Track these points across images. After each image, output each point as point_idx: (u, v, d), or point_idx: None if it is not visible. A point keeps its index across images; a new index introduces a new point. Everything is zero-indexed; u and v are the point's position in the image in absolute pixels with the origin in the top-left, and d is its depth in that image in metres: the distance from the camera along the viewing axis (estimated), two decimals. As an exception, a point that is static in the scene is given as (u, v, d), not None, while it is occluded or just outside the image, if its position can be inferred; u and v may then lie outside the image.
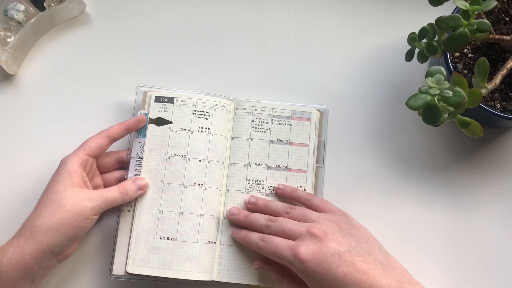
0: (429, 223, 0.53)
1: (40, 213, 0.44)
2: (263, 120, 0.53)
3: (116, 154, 0.52)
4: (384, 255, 0.43)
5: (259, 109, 0.53)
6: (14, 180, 0.55)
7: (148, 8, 0.60)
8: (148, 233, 0.49)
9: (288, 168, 0.51)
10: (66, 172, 0.46)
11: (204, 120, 0.52)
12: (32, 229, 0.44)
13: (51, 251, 0.44)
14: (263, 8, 0.59)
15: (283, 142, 0.52)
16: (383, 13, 0.59)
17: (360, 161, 0.55)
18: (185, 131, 0.51)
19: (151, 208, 0.50)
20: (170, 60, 0.58)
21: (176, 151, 0.51)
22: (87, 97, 0.57)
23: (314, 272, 0.41)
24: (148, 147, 0.51)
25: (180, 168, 0.50)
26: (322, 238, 0.42)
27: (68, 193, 0.45)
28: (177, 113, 0.52)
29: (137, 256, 0.48)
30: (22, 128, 0.57)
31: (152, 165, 0.50)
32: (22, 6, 0.57)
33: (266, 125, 0.52)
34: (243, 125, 0.53)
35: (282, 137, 0.52)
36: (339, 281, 0.40)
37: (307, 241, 0.42)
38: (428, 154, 0.55)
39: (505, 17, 0.50)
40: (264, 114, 0.53)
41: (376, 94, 0.57)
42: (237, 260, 0.49)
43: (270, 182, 0.51)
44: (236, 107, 0.53)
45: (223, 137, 0.52)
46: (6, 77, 0.58)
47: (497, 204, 0.54)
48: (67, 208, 0.44)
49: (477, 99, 0.40)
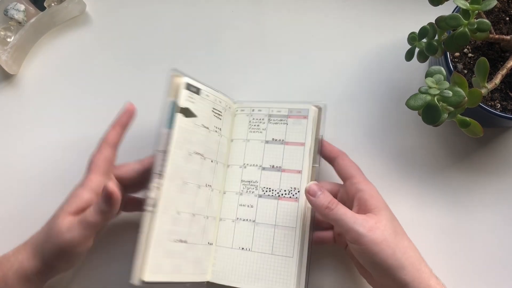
0: (428, 223, 0.53)
1: (43, 233, 0.45)
2: (259, 120, 0.52)
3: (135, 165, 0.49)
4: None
5: (256, 109, 0.52)
6: (14, 180, 0.55)
7: (148, 8, 0.60)
8: (165, 235, 0.45)
9: (283, 169, 0.50)
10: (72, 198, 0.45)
11: (218, 120, 0.51)
12: (35, 249, 0.44)
13: (53, 274, 0.45)
14: (263, 8, 0.59)
15: (279, 141, 0.51)
16: (383, 12, 0.59)
17: (360, 161, 0.55)
18: (205, 129, 0.49)
19: (170, 209, 0.46)
20: (170, 60, 0.58)
21: (196, 148, 0.48)
22: (87, 96, 0.57)
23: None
24: (175, 140, 0.46)
25: (197, 167, 0.48)
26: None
27: (57, 220, 0.44)
28: (201, 107, 0.49)
29: (154, 262, 0.44)
30: (22, 128, 0.57)
31: (176, 161, 0.46)
32: (22, 6, 0.57)
33: (262, 125, 0.52)
34: (241, 126, 0.52)
35: (278, 136, 0.51)
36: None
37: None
38: (428, 154, 0.55)
39: (505, 16, 0.50)
40: (261, 114, 0.52)
41: (376, 94, 0.57)
42: (231, 262, 0.49)
43: (264, 183, 0.50)
44: (236, 109, 0.53)
45: (228, 139, 0.52)
46: (6, 77, 0.58)
47: (497, 204, 0.54)
48: (53, 239, 0.43)
49: (477, 99, 0.40)
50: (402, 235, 0.44)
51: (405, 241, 0.43)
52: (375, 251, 0.41)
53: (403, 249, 0.42)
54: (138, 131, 0.56)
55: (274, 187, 0.50)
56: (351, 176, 0.47)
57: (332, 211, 0.43)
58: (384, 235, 0.41)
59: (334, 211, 0.43)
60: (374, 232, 0.41)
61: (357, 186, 0.46)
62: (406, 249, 0.42)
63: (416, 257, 0.43)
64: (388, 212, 0.44)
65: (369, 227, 0.42)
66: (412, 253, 0.43)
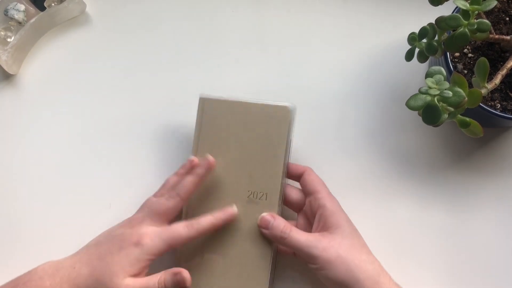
0: (428, 223, 0.53)
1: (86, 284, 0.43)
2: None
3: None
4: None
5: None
6: (14, 180, 0.55)
7: (148, 8, 0.60)
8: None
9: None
10: (136, 260, 0.43)
11: None
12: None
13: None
14: (263, 8, 0.59)
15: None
16: (383, 13, 0.59)
17: (360, 161, 0.55)
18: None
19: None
20: (170, 60, 0.58)
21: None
22: (87, 97, 0.57)
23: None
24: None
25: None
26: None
27: (117, 281, 0.42)
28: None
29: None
30: (22, 128, 0.57)
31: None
32: (22, 6, 0.57)
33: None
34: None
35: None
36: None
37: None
38: (428, 154, 0.55)
39: (505, 17, 0.50)
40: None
41: (376, 94, 0.57)
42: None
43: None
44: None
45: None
46: (6, 77, 0.58)
47: (497, 204, 0.54)
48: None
49: (477, 99, 0.40)
50: (360, 249, 0.45)
51: (363, 255, 0.44)
52: (328, 269, 0.43)
53: (359, 263, 0.43)
54: (138, 131, 0.56)
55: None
56: (315, 191, 0.47)
57: (286, 240, 0.45)
58: (337, 252, 0.43)
59: (288, 239, 0.45)
60: (327, 251, 0.43)
61: (320, 201, 0.47)
62: (362, 263, 0.43)
63: (373, 269, 0.44)
64: (346, 229, 0.45)
65: (322, 247, 0.43)
66: (370, 266, 0.44)
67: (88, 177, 0.55)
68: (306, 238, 0.44)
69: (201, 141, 0.50)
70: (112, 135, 0.56)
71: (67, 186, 0.55)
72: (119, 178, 0.55)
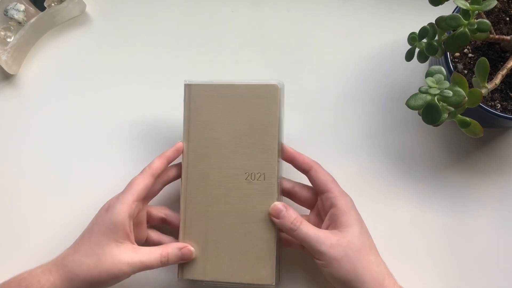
0: (428, 223, 0.53)
1: (80, 261, 0.44)
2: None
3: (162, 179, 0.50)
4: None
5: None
6: (14, 180, 0.55)
7: (148, 8, 0.60)
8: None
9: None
10: (112, 224, 0.44)
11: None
12: (69, 274, 0.44)
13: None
14: (263, 8, 0.59)
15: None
16: (383, 13, 0.59)
17: (360, 161, 0.55)
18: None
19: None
20: (169, 59, 0.58)
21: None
22: (87, 96, 0.57)
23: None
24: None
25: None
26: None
27: (110, 250, 0.44)
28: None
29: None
30: (22, 128, 0.57)
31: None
32: (22, 6, 0.57)
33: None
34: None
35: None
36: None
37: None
38: (428, 154, 0.55)
39: (505, 17, 0.50)
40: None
41: (376, 94, 0.57)
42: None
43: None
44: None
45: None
46: (6, 77, 0.58)
47: (497, 204, 0.54)
48: (106, 267, 0.43)
49: (477, 99, 0.40)
50: (369, 250, 0.45)
51: (371, 256, 0.44)
52: (334, 266, 0.43)
53: (366, 264, 0.43)
54: (137, 131, 0.56)
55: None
56: (327, 190, 0.47)
57: (295, 232, 0.45)
58: (345, 251, 0.43)
59: (297, 231, 0.45)
60: (335, 249, 0.43)
61: (332, 201, 0.46)
62: (370, 264, 0.44)
63: (379, 272, 0.44)
64: (356, 229, 0.45)
65: (330, 244, 0.43)
66: (376, 268, 0.44)
67: (88, 177, 0.55)
68: (315, 233, 0.44)
69: (191, 128, 0.49)
70: (112, 135, 0.56)
71: (67, 186, 0.55)
72: (119, 178, 0.55)
